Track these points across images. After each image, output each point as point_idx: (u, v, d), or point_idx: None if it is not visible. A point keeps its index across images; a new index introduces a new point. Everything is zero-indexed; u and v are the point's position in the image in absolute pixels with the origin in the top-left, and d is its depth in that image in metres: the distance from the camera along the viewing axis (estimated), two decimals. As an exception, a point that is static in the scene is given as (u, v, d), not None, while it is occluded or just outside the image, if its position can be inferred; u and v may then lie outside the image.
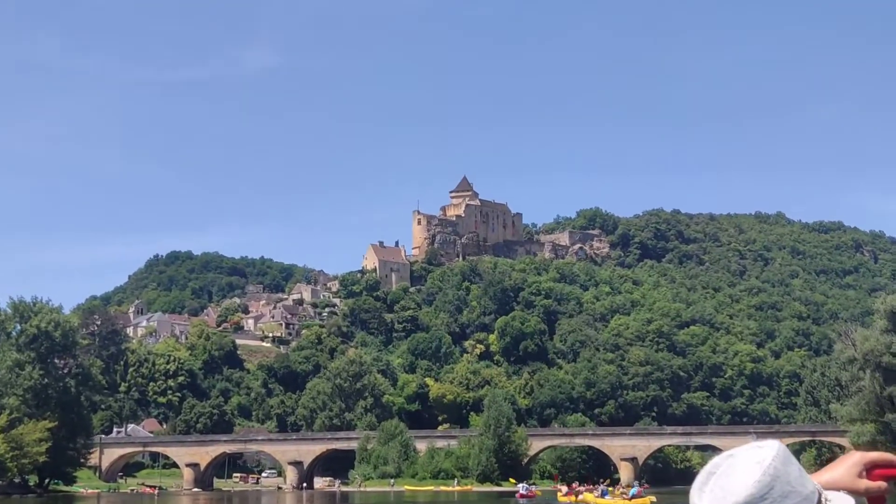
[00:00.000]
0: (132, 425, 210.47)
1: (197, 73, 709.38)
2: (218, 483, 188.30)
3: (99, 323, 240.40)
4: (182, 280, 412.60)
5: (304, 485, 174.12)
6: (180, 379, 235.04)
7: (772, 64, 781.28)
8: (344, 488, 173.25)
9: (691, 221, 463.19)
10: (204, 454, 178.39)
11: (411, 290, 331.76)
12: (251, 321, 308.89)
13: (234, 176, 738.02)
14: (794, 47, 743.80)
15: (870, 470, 3.47)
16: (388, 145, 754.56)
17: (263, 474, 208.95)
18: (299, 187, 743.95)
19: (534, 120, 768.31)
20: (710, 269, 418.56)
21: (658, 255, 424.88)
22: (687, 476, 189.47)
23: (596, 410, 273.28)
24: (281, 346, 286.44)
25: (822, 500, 3.24)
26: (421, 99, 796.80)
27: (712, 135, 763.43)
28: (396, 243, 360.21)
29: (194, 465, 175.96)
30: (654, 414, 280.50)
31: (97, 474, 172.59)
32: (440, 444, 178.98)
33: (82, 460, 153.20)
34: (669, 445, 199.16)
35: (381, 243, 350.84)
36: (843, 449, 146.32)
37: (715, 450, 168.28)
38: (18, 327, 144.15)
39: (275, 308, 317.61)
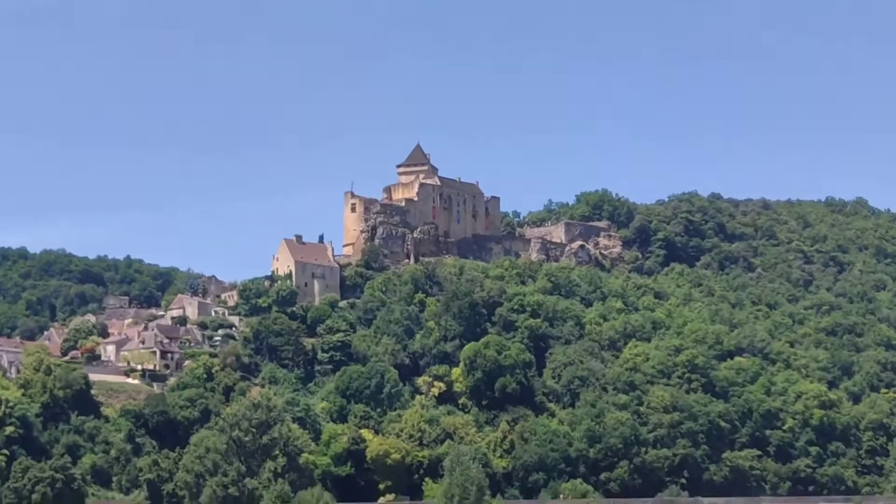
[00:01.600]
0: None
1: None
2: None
3: None
4: (13, 289, 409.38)
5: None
6: (9, 430, 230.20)
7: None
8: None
9: (737, 210, 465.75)
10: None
11: (342, 304, 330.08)
12: (111, 348, 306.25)
13: (86, 144, 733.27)
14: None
15: None
16: (309, 99, 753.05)
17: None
18: (180, 160, 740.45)
19: (515, 66, 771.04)
20: (762, 278, 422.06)
21: (690, 257, 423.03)
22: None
23: (602, 476, 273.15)
24: (154, 384, 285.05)
25: None
26: (355, 30, 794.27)
27: (767, 93, 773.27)
28: (321, 238, 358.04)
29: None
30: (684, 480, 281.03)
31: None
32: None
33: None
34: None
35: (298, 238, 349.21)
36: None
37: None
38: None
39: (146, 329, 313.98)
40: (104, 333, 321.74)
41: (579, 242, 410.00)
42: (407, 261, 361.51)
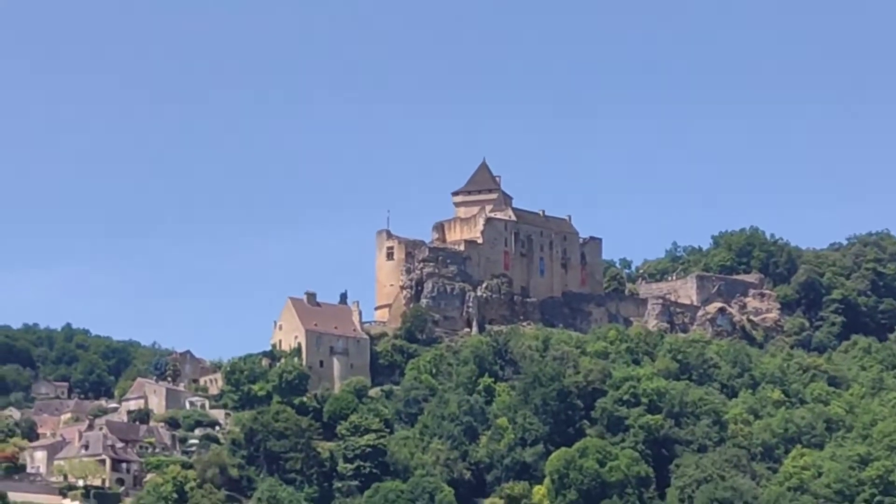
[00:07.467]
0: None
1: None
2: None
3: None
4: None
5: None
6: None
7: None
8: None
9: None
10: None
11: (373, 392, 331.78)
12: (41, 454, 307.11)
13: (16, 179, 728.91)
14: None
15: None
16: (325, 94, 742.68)
17: None
18: (139, 187, 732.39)
19: (618, 49, 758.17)
20: None
21: (881, 326, 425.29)
22: None
23: None
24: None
25: None
26: (396, 21, 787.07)
27: None
28: (343, 297, 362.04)
29: None
30: None
31: None
32: None
33: None
34: None
35: (310, 297, 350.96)
36: None
37: None
38: None
39: (90, 429, 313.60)
40: (31, 434, 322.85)
41: (718, 304, 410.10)
42: (467, 330, 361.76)
